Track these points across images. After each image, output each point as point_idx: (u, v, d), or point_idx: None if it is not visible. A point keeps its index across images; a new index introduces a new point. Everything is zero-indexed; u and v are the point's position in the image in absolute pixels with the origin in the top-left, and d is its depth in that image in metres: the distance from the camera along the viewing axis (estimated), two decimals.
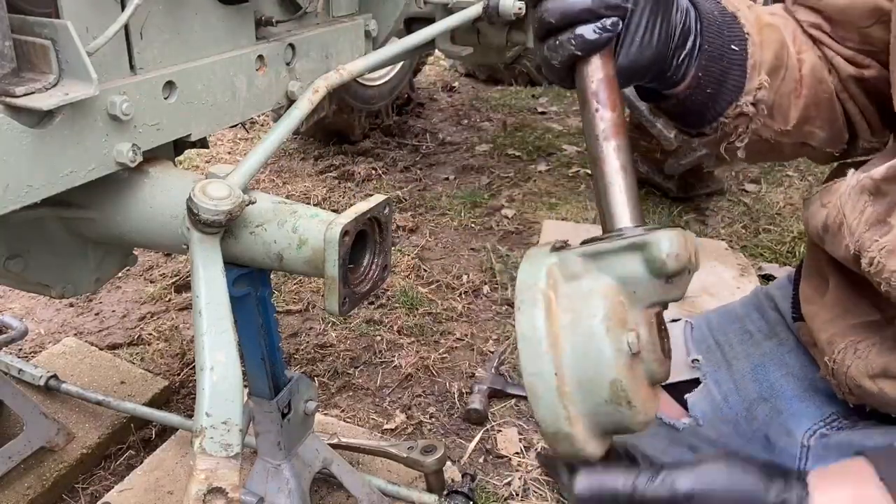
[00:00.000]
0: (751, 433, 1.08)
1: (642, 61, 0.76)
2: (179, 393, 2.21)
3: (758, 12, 0.92)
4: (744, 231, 3.31)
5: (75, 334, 2.47)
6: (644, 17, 0.75)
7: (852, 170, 0.89)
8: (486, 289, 2.79)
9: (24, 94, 0.92)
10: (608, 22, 0.72)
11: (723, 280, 2.71)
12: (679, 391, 1.14)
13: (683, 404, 1.12)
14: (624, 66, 0.75)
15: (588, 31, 0.72)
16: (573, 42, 0.73)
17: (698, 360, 1.13)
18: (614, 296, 0.65)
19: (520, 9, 1.77)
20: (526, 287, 0.67)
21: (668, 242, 0.63)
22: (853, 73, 0.92)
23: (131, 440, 1.99)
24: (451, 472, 1.83)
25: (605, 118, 0.71)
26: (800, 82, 0.91)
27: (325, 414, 2.09)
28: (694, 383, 1.14)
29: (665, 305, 0.70)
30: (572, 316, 0.64)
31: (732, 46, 0.85)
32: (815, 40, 0.95)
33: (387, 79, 4.20)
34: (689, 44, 0.82)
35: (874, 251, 0.81)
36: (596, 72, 0.72)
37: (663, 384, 1.02)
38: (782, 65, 0.89)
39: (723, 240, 3.17)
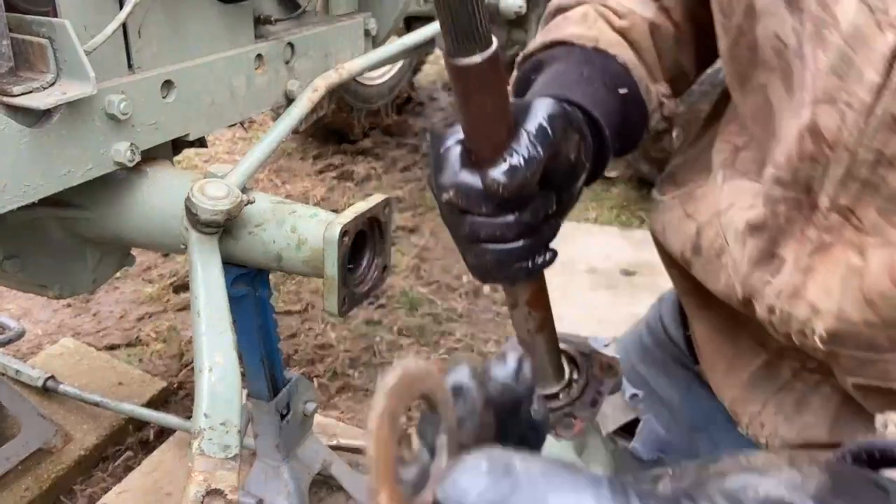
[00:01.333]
0: None
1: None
2: (178, 394, 2.21)
3: (606, 15, 0.79)
4: None
5: (73, 335, 2.46)
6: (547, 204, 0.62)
7: (721, 171, 0.74)
8: (486, 289, 2.78)
9: (22, 94, 0.92)
10: (539, 260, 0.62)
11: None
12: (631, 430, 1.01)
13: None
14: None
15: (520, 272, 0.63)
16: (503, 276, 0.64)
17: (637, 395, 0.98)
18: None
19: (520, 8, 1.77)
20: None
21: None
22: None
23: (129, 441, 1.98)
24: None
25: (533, 316, 0.69)
26: (678, 32, 0.80)
27: (325, 415, 2.09)
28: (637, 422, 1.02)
29: None
30: None
31: (620, 91, 0.74)
32: None
33: (386, 78, 4.19)
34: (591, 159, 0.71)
35: (769, 296, 0.65)
36: (532, 283, 0.67)
37: (618, 427, 0.96)
38: (661, 51, 0.80)
39: None
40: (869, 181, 0.57)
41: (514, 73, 0.82)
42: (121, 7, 1.04)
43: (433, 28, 1.66)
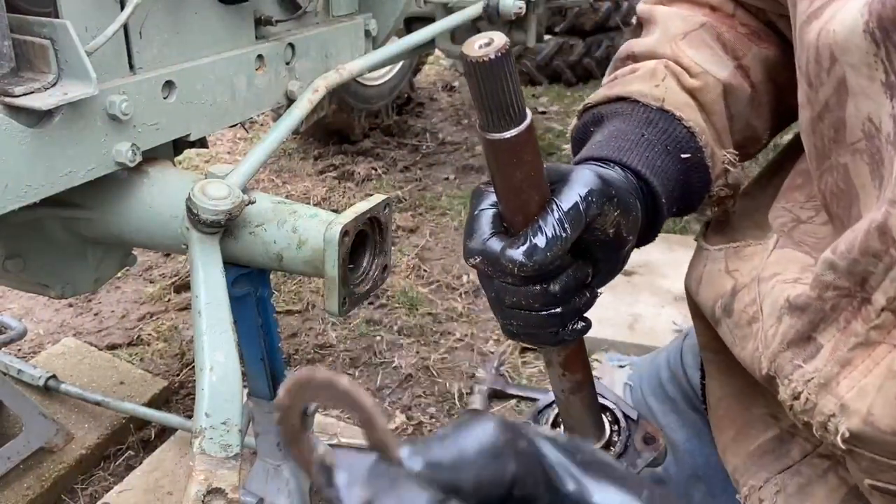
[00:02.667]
0: None
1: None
2: (179, 393, 2.21)
3: (677, 73, 0.74)
4: None
5: (74, 334, 2.47)
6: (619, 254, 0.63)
7: (775, 236, 0.69)
8: None
9: (23, 94, 0.92)
10: (571, 329, 0.62)
11: None
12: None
13: None
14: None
15: (549, 337, 0.62)
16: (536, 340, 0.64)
17: None
18: None
19: (520, 8, 1.77)
20: None
21: None
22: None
23: (130, 441, 1.98)
24: None
25: (569, 378, 0.68)
26: (754, 93, 0.76)
27: (325, 414, 2.09)
28: None
29: None
30: None
31: (682, 156, 0.70)
32: (745, 9, 0.78)
33: (387, 78, 4.19)
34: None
35: (797, 381, 0.60)
36: (567, 348, 0.67)
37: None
38: (732, 112, 0.76)
39: None
40: None
41: (575, 121, 0.80)
42: (122, 8, 1.04)
43: (433, 29, 1.67)
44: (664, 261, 2.82)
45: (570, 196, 0.56)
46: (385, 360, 2.38)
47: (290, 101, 1.41)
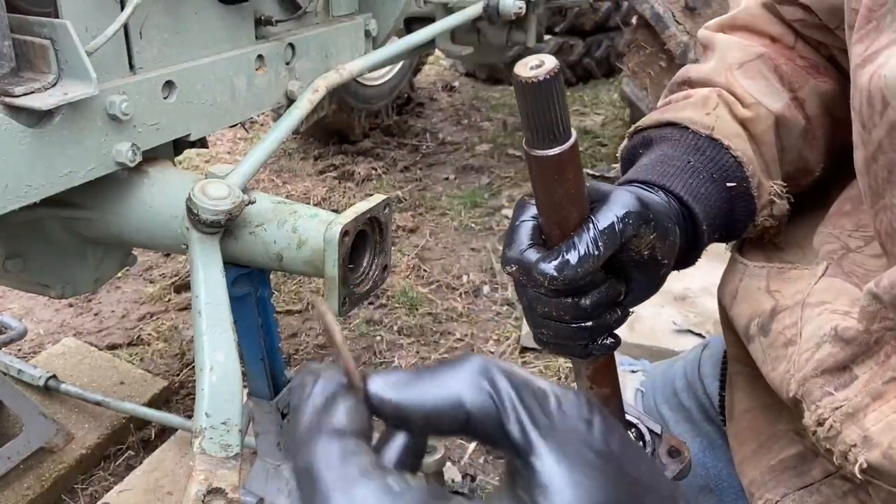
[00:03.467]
0: None
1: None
2: (179, 393, 2.21)
3: (730, 103, 0.75)
4: None
5: (74, 334, 2.47)
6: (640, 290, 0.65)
7: (824, 263, 0.69)
8: (486, 289, 2.79)
9: (24, 94, 0.92)
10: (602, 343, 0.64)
11: None
12: None
13: None
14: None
15: (579, 349, 0.65)
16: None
17: None
18: None
19: (520, 8, 1.77)
20: None
21: None
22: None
23: (131, 441, 1.98)
24: (451, 473, 1.82)
25: (597, 393, 0.70)
26: (809, 126, 0.76)
27: None
28: None
29: None
30: None
31: (728, 184, 0.71)
32: (806, 42, 0.79)
33: (387, 78, 4.19)
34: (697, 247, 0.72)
35: (825, 408, 0.61)
36: (597, 362, 0.68)
37: None
38: (784, 143, 0.77)
39: None
40: None
41: (625, 142, 0.82)
42: (122, 8, 1.04)
43: (433, 29, 1.67)
44: None
45: (608, 216, 0.57)
46: (385, 360, 2.38)
47: (290, 101, 1.42)
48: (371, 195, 1.15)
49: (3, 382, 1.80)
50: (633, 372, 1.08)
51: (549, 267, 0.56)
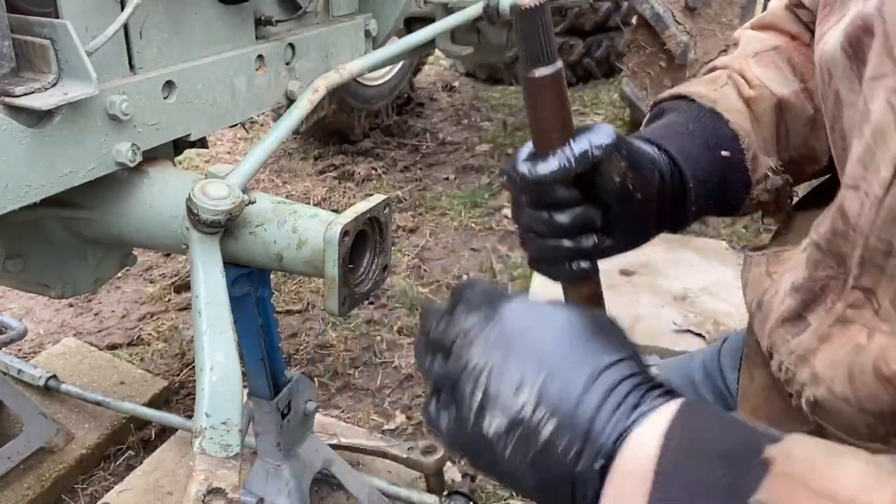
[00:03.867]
0: None
1: (631, 247, 0.75)
2: (179, 393, 2.21)
3: (738, 83, 0.82)
4: (744, 231, 3.30)
5: (75, 334, 2.47)
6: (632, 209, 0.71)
7: (806, 239, 0.76)
8: None
9: (24, 94, 0.92)
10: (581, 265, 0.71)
11: (724, 280, 2.71)
12: None
13: None
14: (612, 254, 0.74)
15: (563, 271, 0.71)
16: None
17: None
18: None
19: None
20: None
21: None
22: None
23: (131, 440, 1.98)
24: (452, 473, 1.82)
25: None
26: (816, 116, 0.81)
27: (325, 414, 2.09)
28: None
29: None
30: None
31: (722, 153, 0.78)
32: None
33: (387, 78, 4.20)
34: (681, 203, 0.77)
35: (784, 355, 0.68)
36: (578, 290, 0.74)
37: None
38: (781, 126, 0.82)
39: (723, 240, 3.17)
40: (883, 269, 0.59)
41: (647, 115, 0.91)
42: (122, 8, 1.04)
43: (433, 29, 1.67)
44: (664, 261, 2.82)
45: (584, 139, 0.65)
46: (385, 360, 2.38)
47: (290, 101, 1.42)
48: (371, 195, 1.15)
49: (3, 382, 1.80)
50: (648, 367, 1.11)
51: (524, 166, 0.66)
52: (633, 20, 3.40)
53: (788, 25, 0.87)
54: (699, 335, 2.37)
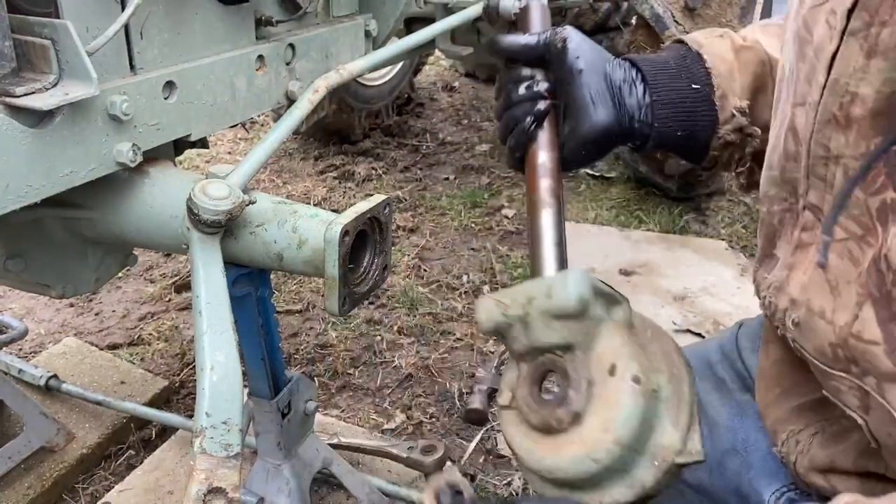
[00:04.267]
0: (723, 483, 1.01)
1: (591, 138, 0.83)
2: (179, 393, 2.21)
3: (733, 37, 0.90)
4: (744, 231, 3.31)
5: (75, 334, 2.47)
6: (584, 93, 0.83)
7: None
8: (486, 289, 2.79)
9: (24, 94, 0.92)
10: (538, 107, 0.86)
11: (723, 280, 2.71)
12: None
13: None
14: (572, 147, 0.84)
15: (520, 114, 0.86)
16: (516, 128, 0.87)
17: None
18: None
19: (520, 9, 1.77)
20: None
21: (477, 311, 0.70)
22: None
23: (131, 440, 1.99)
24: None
25: (542, 187, 0.81)
26: None
27: (326, 414, 2.09)
28: None
29: (563, 348, 0.67)
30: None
31: (693, 86, 0.85)
32: None
33: (387, 79, 4.20)
34: (640, 106, 0.85)
35: (764, 289, 0.75)
36: (538, 152, 0.84)
37: None
38: (766, 81, 0.88)
39: (723, 240, 3.17)
40: (824, 178, 0.64)
41: None
42: (123, 8, 1.04)
43: (433, 29, 1.67)
44: (664, 261, 2.83)
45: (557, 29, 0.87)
46: (385, 360, 2.38)
47: (291, 101, 1.42)
48: (371, 195, 1.15)
49: (3, 382, 1.81)
50: None
51: (497, 36, 0.87)
52: (633, 20, 3.40)
53: None
54: (699, 335, 2.37)
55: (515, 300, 0.66)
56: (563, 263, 0.75)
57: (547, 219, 0.77)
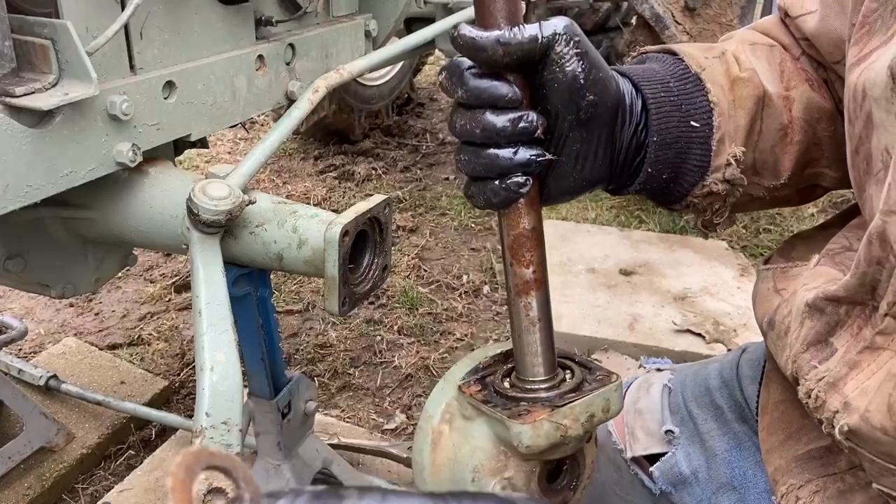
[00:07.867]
0: None
1: (577, 190, 0.68)
2: (179, 393, 2.21)
3: (729, 62, 0.77)
4: (744, 231, 3.31)
5: (75, 334, 2.47)
6: (576, 145, 0.64)
7: (815, 256, 0.73)
8: (486, 289, 2.79)
9: (24, 94, 0.92)
10: (517, 180, 0.62)
11: (723, 280, 2.71)
12: (654, 460, 1.02)
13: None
14: (554, 196, 0.67)
15: (497, 188, 0.62)
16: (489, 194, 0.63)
17: (672, 433, 0.99)
18: (493, 447, 0.67)
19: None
20: (425, 417, 0.72)
21: (526, 435, 0.63)
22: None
23: (131, 440, 1.99)
24: None
25: (517, 274, 0.65)
26: (789, 127, 0.77)
27: (326, 414, 2.09)
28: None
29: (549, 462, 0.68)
30: (454, 455, 0.69)
31: (692, 123, 0.71)
32: (810, 58, 0.82)
33: (387, 79, 4.20)
34: (637, 146, 0.71)
35: (811, 381, 0.65)
36: (514, 224, 0.64)
37: (641, 454, 0.98)
38: (757, 123, 0.76)
39: (723, 240, 3.17)
40: None
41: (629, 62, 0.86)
42: (122, 8, 1.05)
43: (433, 29, 1.67)
44: (664, 261, 2.83)
45: (536, 25, 0.61)
46: (385, 360, 2.38)
47: (291, 101, 1.42)
48: (371, 195, 1.15)
49: (3, 382, 1.81)
50: (659, 370, 1.09)
51: (466, 28, 0.60)
52: (633, 20, 3.40)
53: (781, 36, 0.84)
54: (699, 335, 2.37)
55: (577, 420, 0.65)
56: (553, 366, 0.68)
57: (537, 304, 0.66)
